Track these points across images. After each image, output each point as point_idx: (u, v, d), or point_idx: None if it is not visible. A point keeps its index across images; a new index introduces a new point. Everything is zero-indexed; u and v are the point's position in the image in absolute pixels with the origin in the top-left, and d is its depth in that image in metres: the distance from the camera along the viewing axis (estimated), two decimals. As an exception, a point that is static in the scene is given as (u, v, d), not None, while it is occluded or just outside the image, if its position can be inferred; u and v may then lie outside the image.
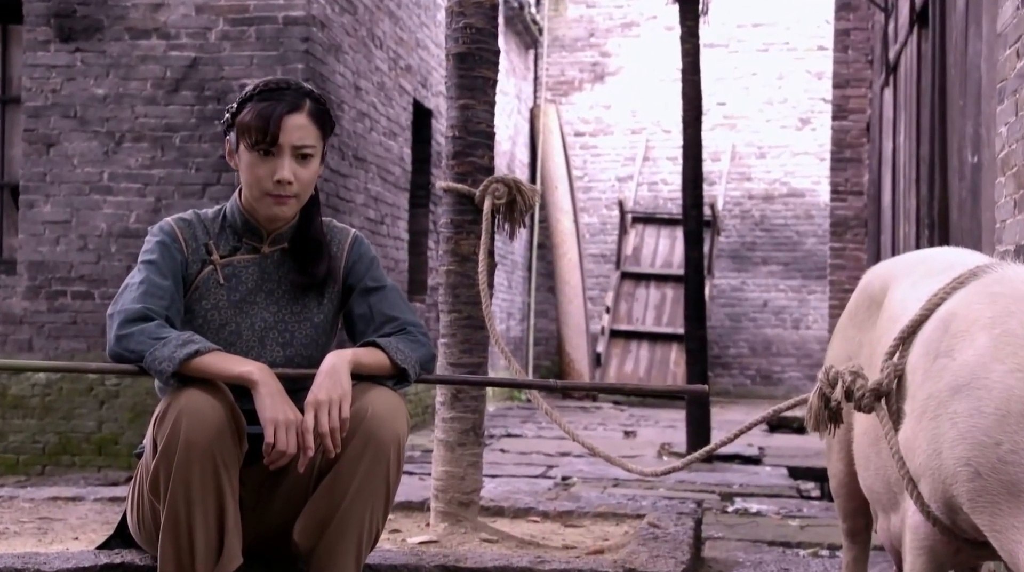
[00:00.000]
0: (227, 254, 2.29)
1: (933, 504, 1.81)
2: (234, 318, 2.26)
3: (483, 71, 3.29)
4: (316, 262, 2.30)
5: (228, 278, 2.27)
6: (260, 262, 2.31)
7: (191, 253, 2.26)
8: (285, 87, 2.24)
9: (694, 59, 6.40)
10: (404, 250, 8.58)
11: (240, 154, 2.24)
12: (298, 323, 2.30)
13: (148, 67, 6.57)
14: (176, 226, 2.28)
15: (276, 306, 2.30)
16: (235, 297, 2.27)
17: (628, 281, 12.66)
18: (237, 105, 2.24)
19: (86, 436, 6.49)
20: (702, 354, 6.40)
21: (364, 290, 2.35)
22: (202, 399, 2.02)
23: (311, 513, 2.15)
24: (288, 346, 2.29)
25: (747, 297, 13.32)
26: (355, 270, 2.36)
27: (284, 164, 2.21)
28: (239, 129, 2.22)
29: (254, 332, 2.27)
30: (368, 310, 2.33)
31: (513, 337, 12.81)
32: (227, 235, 2.31)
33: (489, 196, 3.19)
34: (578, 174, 13.64)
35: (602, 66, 13.74)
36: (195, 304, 2.25)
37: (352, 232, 2.41)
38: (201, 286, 2.26)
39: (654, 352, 12.12)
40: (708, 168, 12.38)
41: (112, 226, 6.55)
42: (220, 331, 2.25)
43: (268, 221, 2.29)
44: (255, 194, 2.24)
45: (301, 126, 2.22)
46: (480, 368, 3.28)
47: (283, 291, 2.31)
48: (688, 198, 6.47)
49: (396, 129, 8.32)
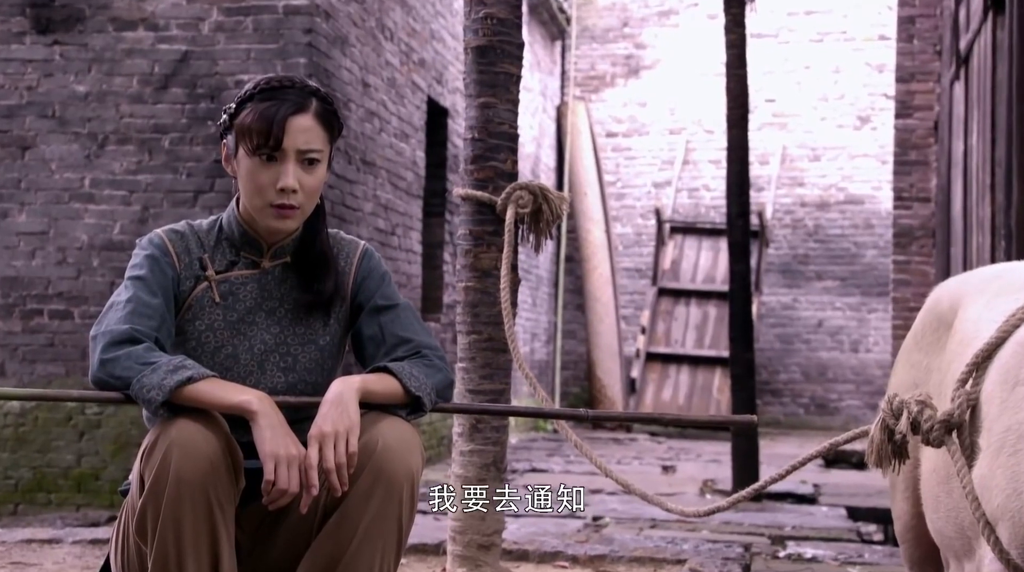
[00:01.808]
0: (223, 269, 2.30)
1: (1013, 551, 1.80)
2: (231, 340, 2.27)
3: (505, 66, 3.30)
4: (322, 278, 2.31)
5: (224, 296, 2.28)
6: (260, 278, 2.32)
7: (184, 268, 2.27)
8: (289, 85, 2.25)
9: (740, 51, 6.40)
10: (417, 264, 8.60)
11: (239, 160, 2.25)
12: (302, 346, 2.31)
13: (134, 62, 6.63)
14: (167, 238, 2.29)
15: (277, 327, 2.30)
16: (232, 317, 2.28)
17: (666, 298, 12.63)
18: (235, 105, 2.25)
19: (64, 471, 6.52)
20: (749, 380, 6.38)
21: (374, 309, 2.35)
22: (195, 430, 2.02)
23: (315, 557, 2.15)
24: (290, 371, 2.29)
25: (799, 316, 13.26)
26: (365, 287, 2.37)
27: (288, 170, 2.22)
28: (238, 132, 2.23)
29: (253, 356, 2.28)
30: (379, 331, 2.34)
31: (538, 360, 12.81)
32: (223, 248, 2.32)
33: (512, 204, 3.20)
34: (610, 179, 13.64)
35: (637, 59, 13.75)
36: (188, 324, 2.26)
37: (362, 245, 2.41)
38: (195, 305, 2.27)
39: (695, 377, 12.08)
40: (755, 172, 12.36)
41: (94, 238, 6.60)
42: (215, 354, 2.25)
43: (269, 233, 2.30)
44: (256, 204, 2.25)
45: (307, 128, 2.23)
46: (502, 395, 3.28)
47: (285, 310, 2.32)
48: (733, 206, 6.47)
49: (408, 130, 8.36)
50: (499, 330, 3.23)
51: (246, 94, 2.24)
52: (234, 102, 2.26)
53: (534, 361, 12.54)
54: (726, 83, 6.46)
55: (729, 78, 6.43)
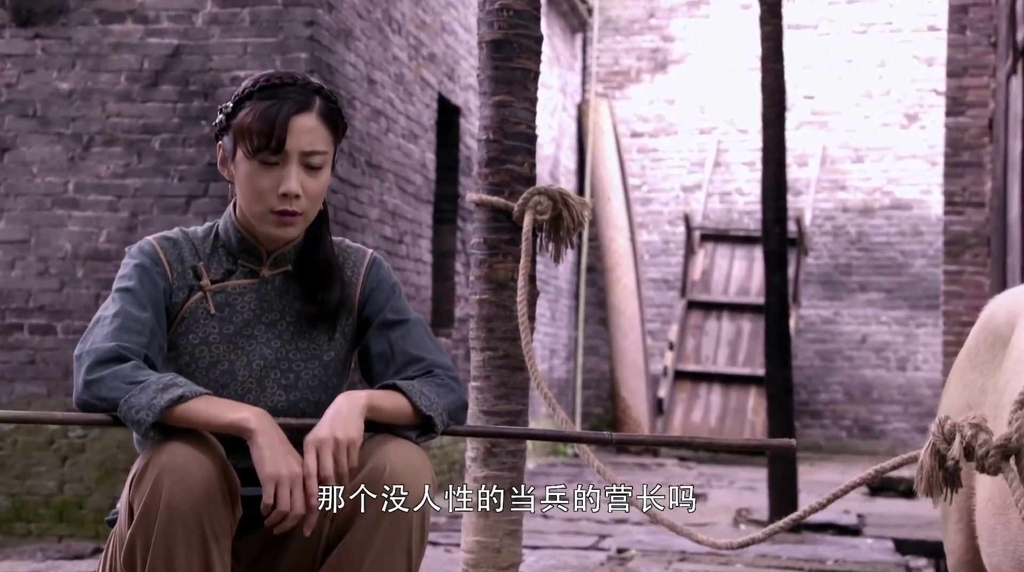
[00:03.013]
0: (220, 278, 2.31)
1: (1075, 586, 1.79)
2: (227, 355, 2.28)
3: (523, 61, 3.32)
4: (327, 287, 2.32)
5: (220, 307, 2.29)
6: (259, 288, 2.33)
7: (176, 278, 2.28)
8: (291, 82, 2.27)
9: (776, 43, 6.41)
10: (427, 275, 8.62)
11: (236, 163, 2.26)
12: (304, 361, 2.32)
13: (122, 57, 6.66)
14: (158, 246, 2.30)
15: (278, 341, 2.31)
16: (228, 329, 2.29)
17: (696, 311, 12.61)
18: (233, 104, 2.26)
19: (45, 499, 6.54)
20: (787, 400, 6.37)
21: (384, 324, 2.36)
22: (188, 455, 2.03)
23: (318, 593, 2.16)
24: (292, 389, 2.30)
25: (841, 331, 13.23)
26: (374, 299, 2.38)
27: (290, 174, 2.23)
28: (236, 133, 2.24)
29: (251, 372, 2.28)
30: (388, 348, 2.35)
31: (557, 379, 12.80)
32: (220, 256, 2.33)
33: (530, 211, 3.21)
34: (635, 183, 13.64)
35: (664, 53, 13.77)
36: (181, 338, 2.27)
37: (369, 253, 2.43)
38: (188, 317, 2.28)
39: (728, 398, 12.06)
40: (793, 175, 12.35)
41: (78, 246, 6.63)
42: (210, 370, 2.26)
43: (269, 240, 2.31)
44: (255, 210, 2.26)
45: (310, 129, 2.24)
46: (519, 417, 3.29)
47: (287, 323, 2.33)
48: (769, 211, 6.47)
49: (417, 130, 8.38)
50: (516, 346, 3.24)
51: (244, 92, 2.25)
52: (231, 100, 2.27)
53: (553, 380, 12.53)
54: (761, 79, 6.47)
55: (764, 73, 6.43)
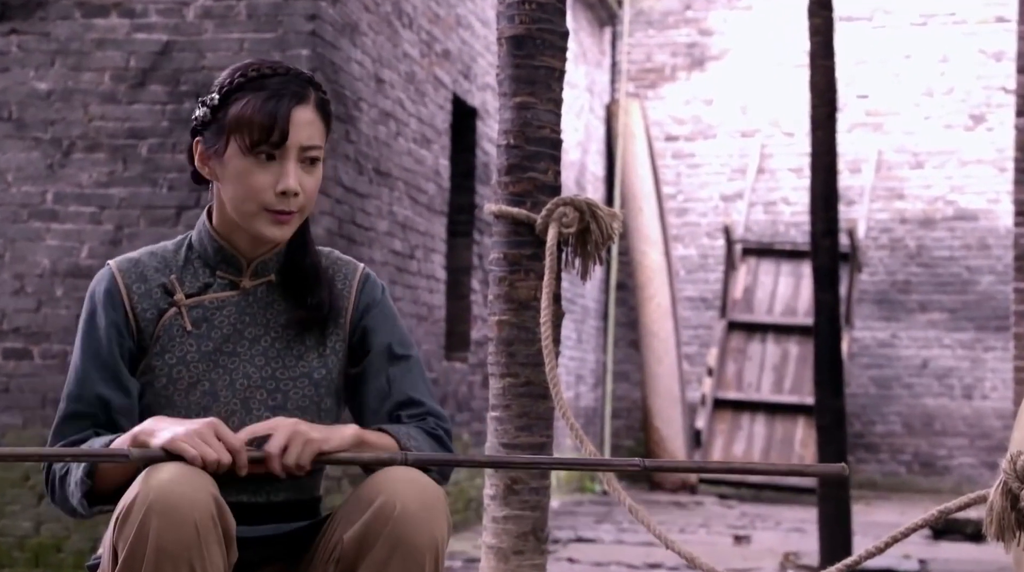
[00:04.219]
0: (196, 292, 2.33)
1: None
2: (207, 374, 2.30)
3: (546, 59, 3.32)
4: (316, 291, 2.35)
5: (197, 323, 2.31)
6: (239, 301, 2.34)
7: (139, 300, 2.31)
8: (283, 72, 2.30)
9: (826, 37, 6.41)
10: (440, 293, 8.63)
11: (226, 159, 2.28)
12: (292, 380, 2.33)
13: (106, 54, 6.70)
14: (117, 270, 2.33)
15: (263, 358, 2.33)
16: (208, 347, 2.31)
17: (737, 333, 12.58)
18: (219, 96, 2.28)
19: (19, 540, 6.56)
20: (838, 432, 6.35)
21: (387, 356, 2.39)
22: (178, 492, 2.03)
23: (320, 644, 2.16)
24: (280, 410, 2.31)
25: (899, 355, 13.18)
26: (372, 321, 2.40)
27: (289, 170, 2.26)
28: (231, 126, 2.26)
29: (235, 392, 2.30)
30: (386, 384, 2.38)
31: (584, 408, 12.79)
32: (194, 269, 2.35)
33: (555, 223, 3.21)
34: (670, 191, 13.64)
35: (702, 48, 13.78)
36: (156, 359, 2.29)
37: (361, 267, 2.45)
38: (163, 336, 2.30)
39: (773, 429, 12.02)
40: (845, 182, 12.33)
41: (57, 262, 6.66)
42: (190, 392, 2.28)
43: (252, 245, 2.33)
44: (248, 209, 2.28)
45: (309, 122, 2.28)
46: (543, 450, 3.28)
47: (272, 338, 2.34)
48: (818, 222, 6.45)
49: (430, 134, 8.41)
50: (539, 372, 3.24)
51: (232, 83, 2.28)
52: (215, 92, 2.29)
53: (579, 408, 12.52)
54: (810, 76, 6.46)
55: (813, 70, 6.43)
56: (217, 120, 2.28)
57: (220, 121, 2.27)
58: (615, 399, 13.44)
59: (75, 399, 2.30)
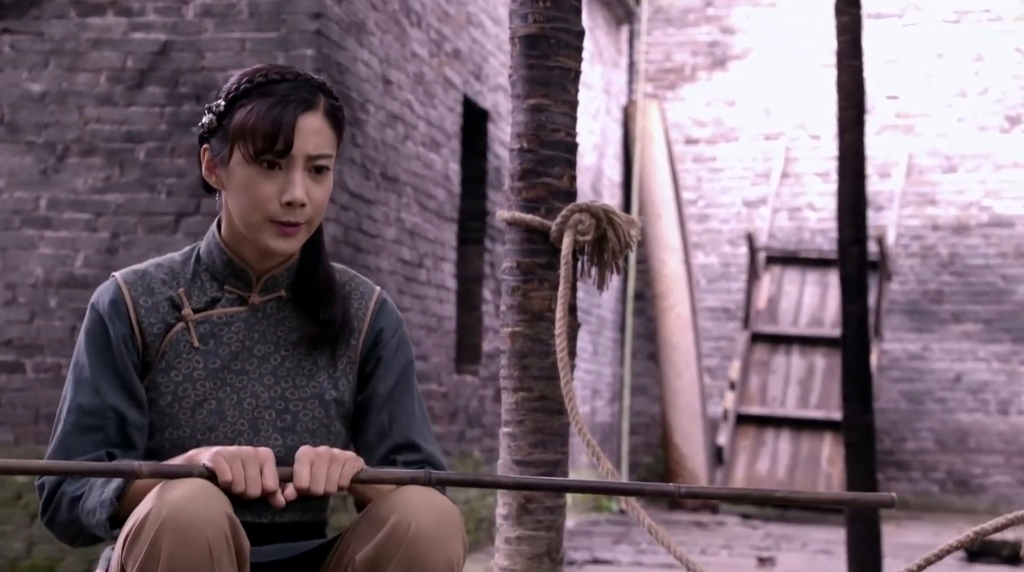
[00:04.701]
0: (203, 307, 2.33)
1: None
2: (214, 393, 2.30)
3: (561, 59, 3.32)
4: (328, 306, 2.35)
5: (204, 339, 2.31)
6: (248, 317, 2.35)
7: (145, 314, 2.30)
8: (292, 78, 2.30)
9: (854, 36, 6.40)
10: (450, 303, 8.63)
11: (231, 168, 2.28)
12: (303, 401, 2.33)
13: (102, 54, 6.72)
14: (122, 282, 2.33)
15: (272, 377, 2.33)
16: (215, 364, 2.31)
17: (761, 345, 12.56)
18: (225, 102, 2.29)
19: (11, 563, 6.56)
20: (868, 449, 6.33)
21: (393, 391, 2.38)
22: (191, 510, 2.02)
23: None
24: (290, 432, 2.31)
25: (932, 368, 13.15)
26: (384, 350, 2.39)
27: (295, 180, 2.26)
28: (235, 134, 2.26)
29: (242, 412, 2.30)
30: (387, 423, 2.37)
31: (600, 423, 12.77)
32: (202, 282, 2.35)
33: (570, 231, 3.21)
34: (690, 197, 13.64)
35: (724, 47, 13.78)
36: (162, 376, 2.29)
37: (378, 290, 2.45)
38: (169, 352, 2.30)
39: (798, 445, 12.00)
40: (874, 187, 12.31)
41: (51, 272, 6.67)
42: (196, 410, 2.28)
43: (261, 258, 2.34)
44: (253, 220, 2.28)
45: (317, 129, 2.27)
46: (558, 467, 3.28)
47: (282, 356, 2.34)
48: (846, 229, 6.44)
49: (440, 137, 8.42)
50: (554, 386, 3.24)
51: (238, 88, 2.28)
52: (221, 98, 2.30)
53: (595, 424, 12.51)
54: (837, 76, 6.45)
55: (841, 70, 6.42)
56: (223, 127, 2.28)
57: (225, 128, 2.28)
58: (633, 414, 13.43)
59: (85, 410, 2.26)
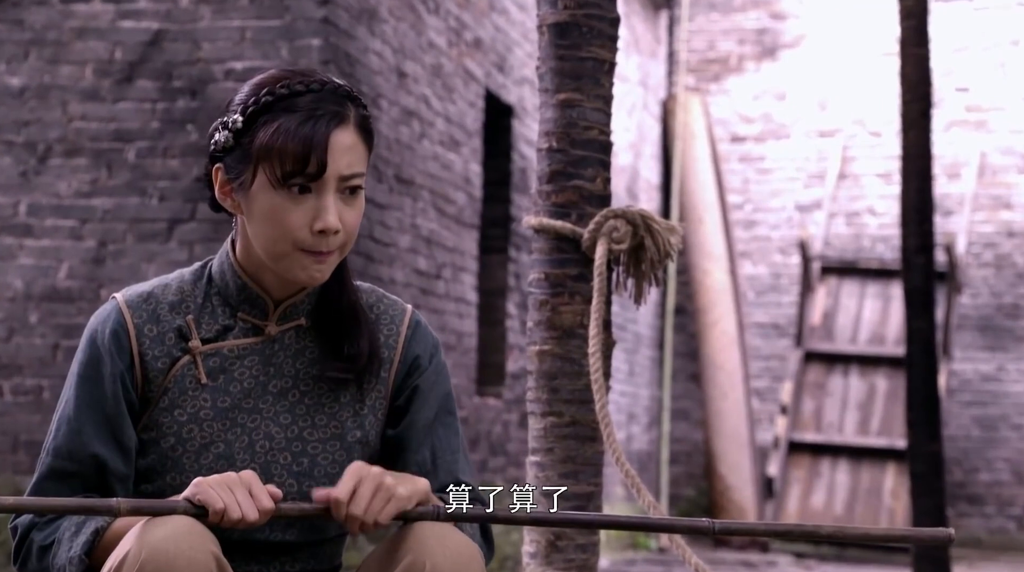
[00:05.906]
0: (213, 337, 2.30)
1: None
2: (223, 434, 2.27)
3: (594, 49, 3.34)
4: (354, 338, 2.31)
5: (214, 374, 2.28)
6: (264, 349, 2.31)
7: (149, 346, 2.27)
8: (317, 87, 2.23)
9: (920, 21, 6.40)
10: (471, 318, 8.64)
11: (253, 193, 2.22)
12: (322, 442, 2.30)
13: (88, 45, 6.75)
14: (125, 306, 2.29)
15: (289, 415, 2.30)
16: (224, 402, 2.28)
17: (816, 365, 12.53)
18: (244, 118, 2.22)
19: (-10, 602, 6.60)
20: (936, 481, 6.31)
21: (434, 425, 2.35)
22: (174, 549, 2.03)
23: None
24: (306, 477, 2.27)
25: (1007, 392, 13.10)
26: (420, 380, 2.36)
27: (328, 205, 2.20)
28: (259, 155, 2.20)
29: (253, 455, 2.27)
30: (429, 460, 2.34)
31: (637, 451, 12.75)
32: (213, 308, 2.32)
33: (604, 239, 3.23)
34: (736, 201, 13.62)
35: (773, 34, 13.77)
36: (164, 415, 2.26)
37: (410, 310, 2.40)
38: (173, 388, 2.27)
39: (858, 477, 11.96)
40: (942, 190, 12.28)
41: (32, 284, 6.69)
42: (201, 454, 2.26)
43: (282, 285, 2.30)
44: (279, 250, 2.23)
45: (349, 147, 2.22)
46: (591, 501, 3.29)
47: (300, 392, 2.31)
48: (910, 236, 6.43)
49: (460, 135, 8.43)
50: (586, 410, 3.24)
51: (258, 102, 2.21)
52: (238, 113, 2.23)
53: (632, 452, 12.49)
54: (900, 67, 6.45)
55: (904, 59, 6.42)
56: (241, 146, 2.22)
57: (245, 148, 2.21)
58: (673, 441, 13.40)
59: (63, 455, 2.25)
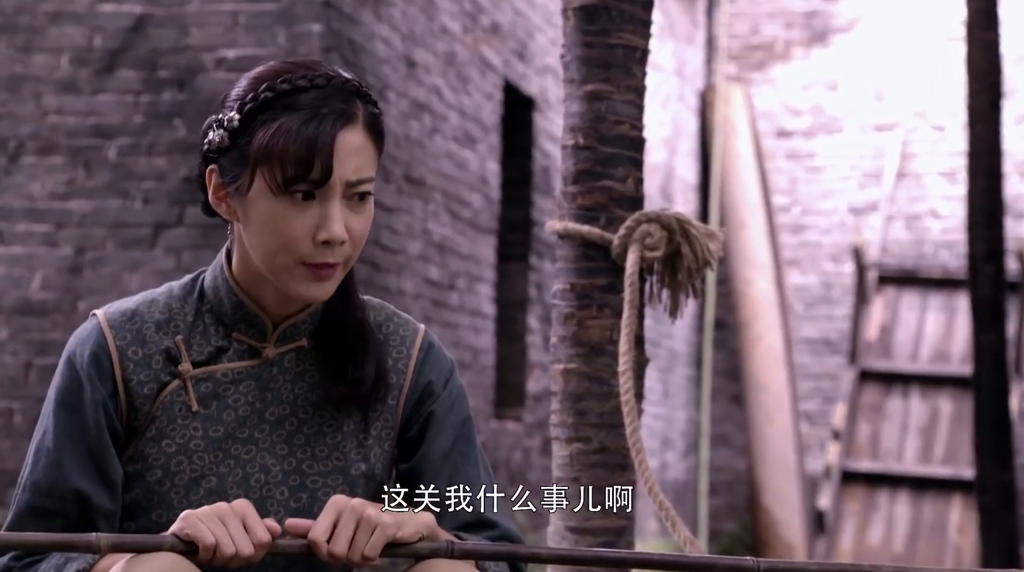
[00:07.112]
0: (205, 360, 2.29)
1: None
2: (214, 467, 2.27)
3: (625, 35, 3.34)
4: (359, 360, 2.30)
5: (206, 400, 2.28)
6: (260, 373, 2.31)
7: (134, 370, 2.26)
8: (322, 82, 2.21)
9: (988, 3, 6.39)
10: (488, 333, 8.64)
11: (251, 200, 2.21)
12: (323, 476, 2.30)
13: (64, 32, 6.77)
14: (107, 326, 2.27)
15: (286, 446, 2.30)
16: (217, 432, 2.27)
17: (872, 385, 12.50)
18: (241, 116, 2.20)
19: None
20: (1007, 515, 6.30)
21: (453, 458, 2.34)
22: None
23: None
24: (305, 514, 2.24)
25: (1084, 414, 13.07)
26: (434, 406, 2.35)
27: (334, 213, 2.18)
28: (257, 158, 2.18)
29: (248, 489, 2.27)
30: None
31: (672, 480, 12.74)
32: (205, 327, 2.31)
33: (636, 245, 3.22)
34: (783, 202, 13.61)
35: (824, 18, 13.76)
36: (151, 446, 2.26)
37: (422, 330, 2.39)
38: (161, 416, 2.26)
39: (920, 510, 11.93)
40: (1013, 190, 12.26)
41: (2, 296, 6.71)
42: (191, 489, 2.25)
43: (281, 302, 2.29)
44: (281, 263, 2.22)
45: (357, 148, 2.20)
46: (621, 536, 3.29)
47: (300, 420, 2.31)
48: (978, 242, 6.42)
49: (475, 130, 8.44)
50: (616, 435, 3.24)
51: (256, 99, 2.20)
52: (234, 110, 2.21)
53: (667, 482, 12.49)
54: (966, 54, 6.45)
55: (971, 45, 6.41)
56: (238, 147, 2.20)
57: (242, 149, 2.19)
58: (712, 470, 13.38)
59: (42, 490, 2.23)
